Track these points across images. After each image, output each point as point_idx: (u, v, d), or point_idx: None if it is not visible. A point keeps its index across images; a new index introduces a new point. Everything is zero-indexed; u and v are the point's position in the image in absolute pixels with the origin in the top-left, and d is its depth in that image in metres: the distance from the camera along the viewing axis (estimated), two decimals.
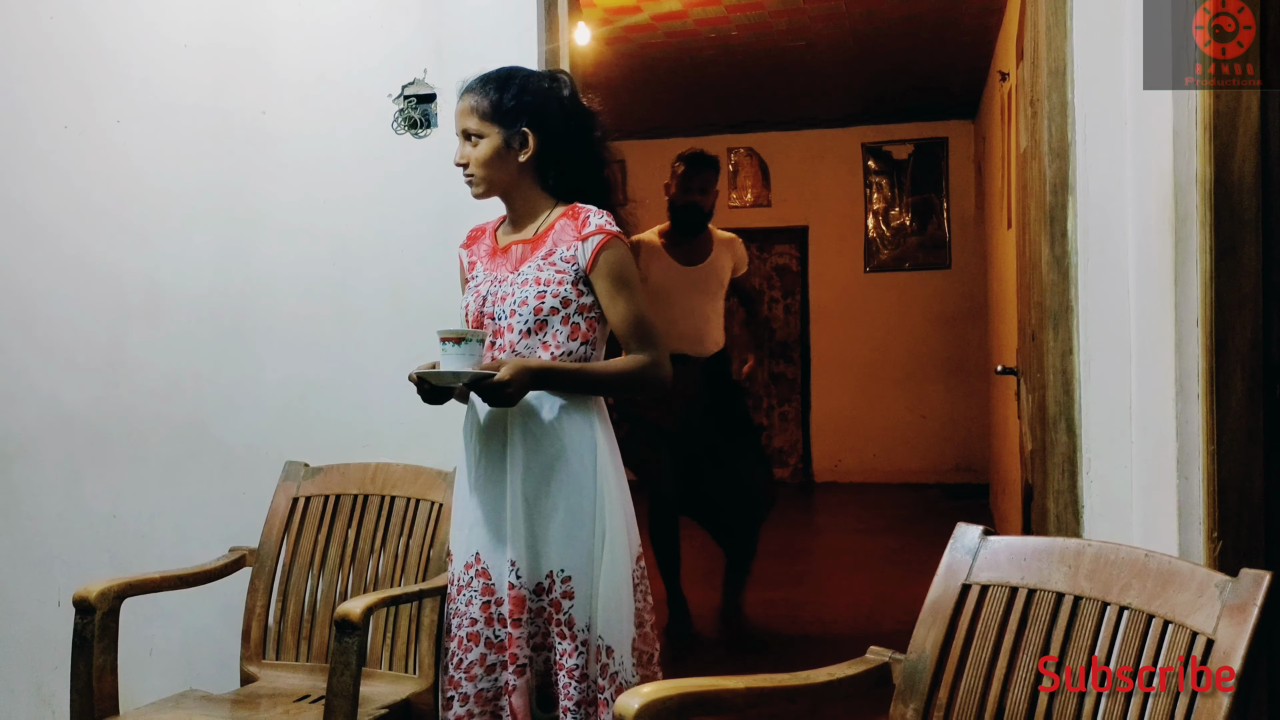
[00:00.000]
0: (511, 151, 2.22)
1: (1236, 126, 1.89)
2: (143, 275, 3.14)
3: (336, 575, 2.67)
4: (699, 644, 4.48)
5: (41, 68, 3.19)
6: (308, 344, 3.05)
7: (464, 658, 2.17)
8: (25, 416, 3.22)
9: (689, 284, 4.37)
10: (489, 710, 2.16)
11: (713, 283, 4.48)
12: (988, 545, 1.78)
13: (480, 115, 2.21)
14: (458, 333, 2.07)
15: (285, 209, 3.06)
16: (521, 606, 2.13)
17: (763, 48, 6.51)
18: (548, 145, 2.23)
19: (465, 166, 2.24)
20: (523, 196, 2.27)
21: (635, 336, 2.20)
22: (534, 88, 2.24)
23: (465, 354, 2.05)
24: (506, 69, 2.29)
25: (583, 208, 2.21)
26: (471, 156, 2.23)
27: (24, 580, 3.20)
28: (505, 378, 2.03)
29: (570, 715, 2.11)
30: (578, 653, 2.12)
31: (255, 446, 3.04)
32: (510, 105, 2.20)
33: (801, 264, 9.10)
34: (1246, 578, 1.44)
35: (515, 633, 2.12)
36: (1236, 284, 1.90)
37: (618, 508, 2.17)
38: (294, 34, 3.05)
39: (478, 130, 2.21)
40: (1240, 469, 1.93)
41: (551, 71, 2.38)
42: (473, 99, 2.22)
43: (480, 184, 2.24)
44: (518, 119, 2.20)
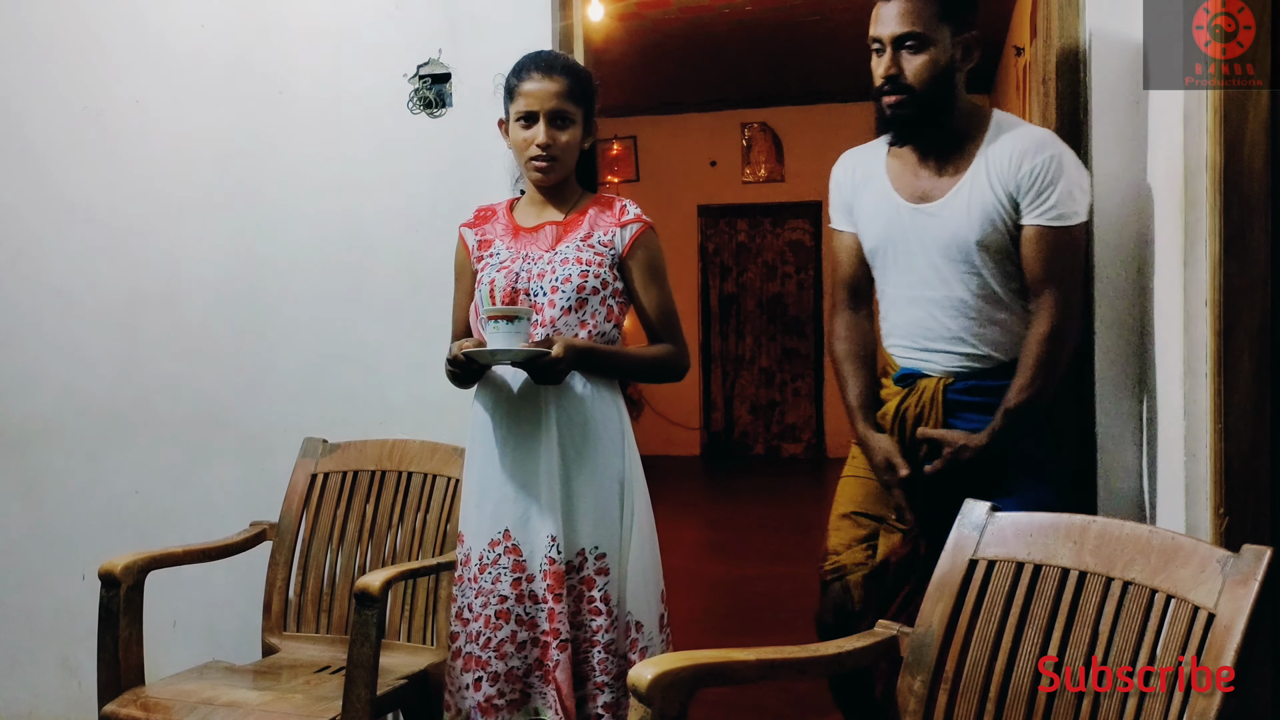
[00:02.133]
0: (587, 138, 2.27)
1: (1247, 112, 1.90)
2: (161, 256, 3.18)
3: (355, 549, 2.72)
4: (709, 616, 4.53)
5: (59, 50, 3.22)
6: (325, 323, 3.08)
7: (493, 636, 2.16)
8: (45, 399, 3.26)
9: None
10: (519, 688, 2.16)
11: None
12: (994, 521, 1.81)
13: (573, 99, 2.20)
14: (508, 311, 2.08)
15: (301, 189, 3.09)
16: (561, 581, 2.13)
17: (776, 22, 6.49)
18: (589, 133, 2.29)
19: (546, 149, 2.19)
20: (568, 181, 2.30)
21: (664, 325, 2.26)
22: (587, 75, 2.30)
23: (516, 331, 2.06)
24: (557, 53, 2.35)
25: (615, 197, 2.27)
26: (559, 140, 2.19)
27: (49, 556, 3.26)
28: (559, 354, 2.05)
29: (608, 690, 2.14)
30: (612, 628, 2.16)
31: (274, 424, 3.08)
32: (585, 91, 2.24)
33: (815, 239, 9.10)
34: (1248, 553, 1.46)
35: (557, 608, 2.12)
36: (1245, 268, 1.92)
37: (641, 486, 2.23)
38: (310, 14, 3.07)
39: (571, 114, 2.20)
40: (1247, 448, 1.95)
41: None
42: (560, 82, 2.19)
43: (559, 170, 2.23)
44: (592, 105, 2.25)
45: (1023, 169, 2.17)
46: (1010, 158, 2.18)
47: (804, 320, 9.20)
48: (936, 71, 2.19)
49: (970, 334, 2.26)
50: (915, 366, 2.32)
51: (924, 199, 2.27)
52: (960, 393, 2.26)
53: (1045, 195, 2.16)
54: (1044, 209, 2.17)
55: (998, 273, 2.23)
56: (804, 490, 7.92)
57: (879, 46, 2.23)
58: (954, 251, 2.23)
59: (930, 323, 2.28)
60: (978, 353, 2.26)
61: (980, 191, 2.21)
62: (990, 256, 2.22)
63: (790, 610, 4.60)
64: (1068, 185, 2.16)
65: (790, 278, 9.22)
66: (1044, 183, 2.16)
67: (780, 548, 5.55)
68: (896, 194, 2.31)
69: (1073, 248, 2.21)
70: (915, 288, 2.29)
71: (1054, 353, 2.18)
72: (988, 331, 2.25)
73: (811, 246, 9.14)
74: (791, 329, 9.23)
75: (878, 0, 2.23)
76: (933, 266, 2.26)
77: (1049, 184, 2.16)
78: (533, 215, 2.31)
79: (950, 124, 2.25)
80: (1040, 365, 2.17)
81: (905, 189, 2.31)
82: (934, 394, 2.26)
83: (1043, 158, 2.16)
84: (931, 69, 2.19)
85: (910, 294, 2.31)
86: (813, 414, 9.16)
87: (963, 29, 2.22)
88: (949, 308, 2.25)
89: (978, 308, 2.24)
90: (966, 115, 2.27)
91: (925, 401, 2.27)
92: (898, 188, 2.32)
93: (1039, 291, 2.19)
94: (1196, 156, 1.98)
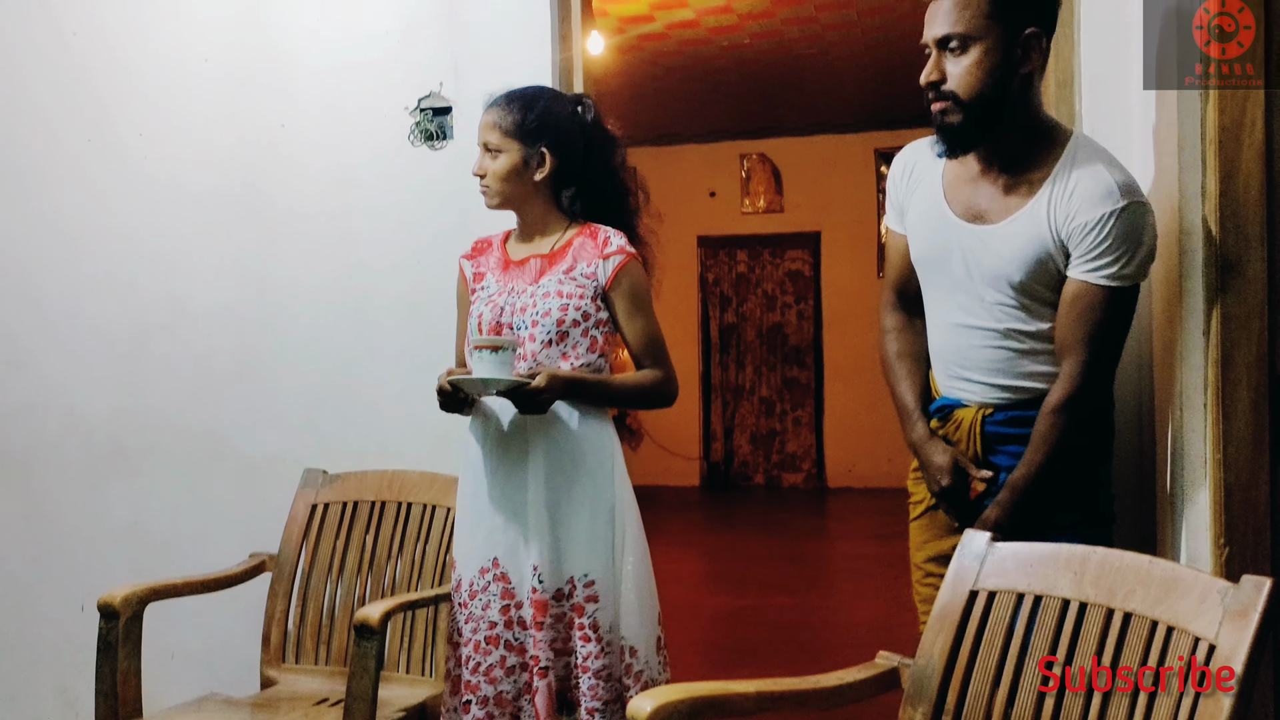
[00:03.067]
0: (529, 169, 2.28)
1: (1241, 141, 1.91)
2: (163, 286, 3.19)
3: (354, 580, 2.72)
4: (709, 647, 4.51)
5: (64, 82, 3.25)
6: (326, 353, 3.09)
7: (482, 661, 2.21)
8: (47, 426, 3.27)
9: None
10: (509, 712, 2.21)
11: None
12: (995, 552, 1.81)
13: (502, 131, 2.27)
14: (494, 341, 2.13)
15: (303, 220, 3.11)
16: (544, 611, 2.17)
17: (775, 55, 6.54)
18: (565, 167, 2.30)
19: (483, 177, 2.30)
20: (535, 213, 2.33)
21: (649, 354, 2.29)
22: (557, 110, 2.31)
23: (501, 361, 2.11)
24: (534, 89, 2.36)
25: (600, 227, 2.29)
26: (489, 169, 2.29)
27: (48, 586, 3.25)
28: (541, 385, 2.10)
29: (599, 716, 2.16)
30: (604, 654, 2.17)
31: (274, 454, 3.08)
32: (532, 125, 2.26)
33: (814, 269, 9.13)
34: (1248, 584, 1.46)
35: (538, 635, 2.17)
36: (1242, 298, 1.93)
37: (634, 513, 2.26)
38: (313, 47, 3.10)
39: (498, 145, 2.27)
40: (1246, 478, 1.96)
41: (577, 95, 2.45)
42: (497, 114, 2.29)
43: (495, 196, 2.31)
44: (538, 139, 2.27)
45: (1077, 219, 1.94)
46: (1071, 199, 1.95)
47: (804, 350, 9.21)
48: (985, 75, 1.95)
49: (1012, 367, 2.07)
50: (954, 397, 2.16)
51: (978, 218, 2.05)
52: (1000, 424, 2.10)
53: (1096, 252, 1.94)
54: (1093, 266, 1.95)
55: (1045, 312, 2.03)
56: (804, 521, 7.90)
57: (928, 51, 2.01)
58: (1001, 283, 2.03)
59: (970, 352, 2.10)
60: (1019, 385, 2.08)
61: (1037, 228, 1.98)
62: (1034, 299, 2.02)
63: (791, 641, 4.59)
64: (1128, 245, 1.93)
65: (790, 307, 9.25)
66: (1097, 238, 1.93)
67: (780, 579, 5.53)
68: (948, 206, 2.09)
69: (1114, 312, 1.97)
70: (955, 313, 2.11)
71: (1063, 427, 1.99)
72: (1029, 365, 2.07)
73: (811, 276, 9.17)
74: (791, 359, 9.24)
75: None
76: (976, 294, 2.07)
77: (1102, 241, 1.92)
78: (522, 248, 2.36)
79: (1015, 138, 2.01)
80: (1044, 442, 2.01)
81: (959, 202, 2.08)
82: (972, 425, 2.11)
83: (1102, 212, 1.92)
84: (978, 73, 1.95)
85: (951, 319, 2.13)
86: (813, 444, 9.16)
87: (1022, 25, 1.95)
88: (991, 338, 2.07)
89: (1020, 343, 2.05)
90: (1039, 132, 2.03)
91: (963, 435, 2.13)
92: (951, 198, 2.10)
93: (1065, 353, 2.00)
94: (1192, 186, 1.99)
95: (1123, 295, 1.97)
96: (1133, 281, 1.97)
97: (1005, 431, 2.10)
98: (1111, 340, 2.01)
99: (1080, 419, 2.01)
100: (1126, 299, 1.98)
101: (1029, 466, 2.02)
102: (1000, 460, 2.10)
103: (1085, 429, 2.04)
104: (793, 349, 9.25)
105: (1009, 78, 1.96)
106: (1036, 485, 2.02)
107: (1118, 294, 1.96)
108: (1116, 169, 1.98)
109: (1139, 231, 1.94)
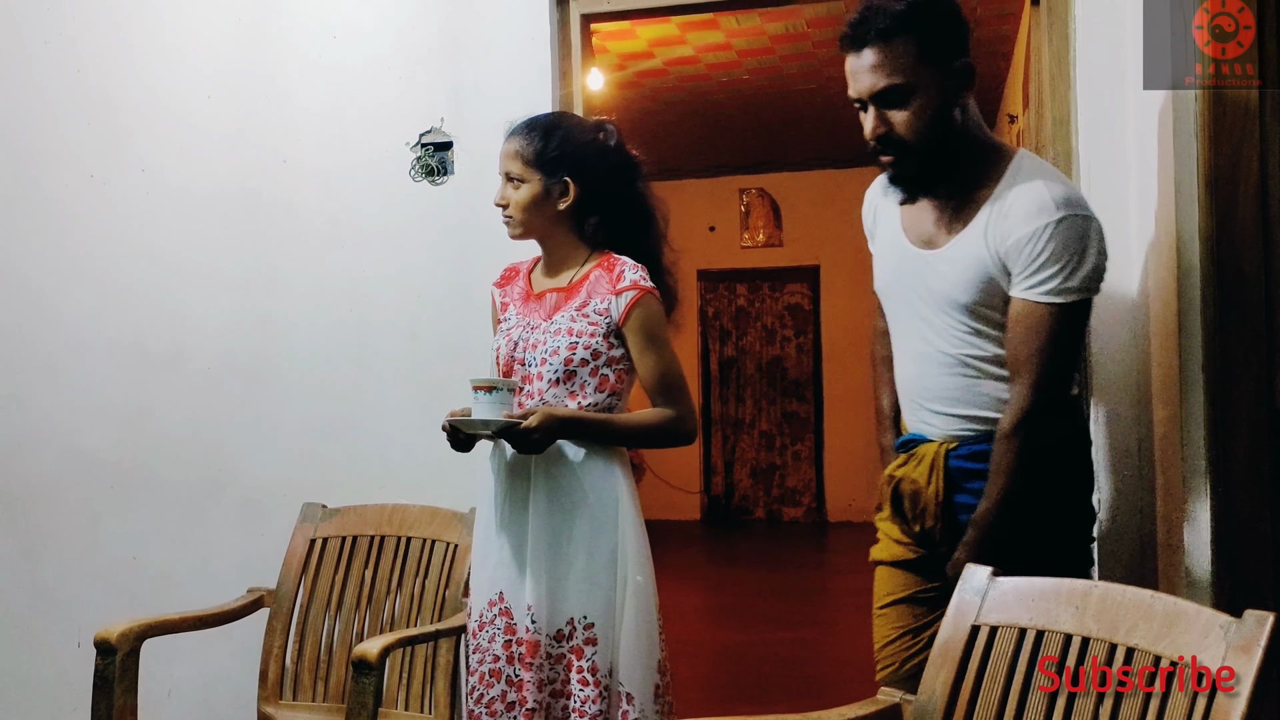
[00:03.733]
0: (551, 199, 2.25)
1: (1238, 182, 1.92)
2: (164, 320, 3.20)
3: (353, 615, 2.70)
4: (711, 683, 4.48)
5: (69, 118, 3.27)
6: (326, 387, 3.09)
7: (485, 693, 2.19)
8: (47, 461, 3.26)
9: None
10: None
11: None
12: (996, 586, 1.80)
13: (524, 160, 2.24)
14: (489, 381, 2.13)
15: (304, 254, 3.12)
16: (535, 651, 2.14)
17: (774, 91, 6.59)
18: (588, 195, 2.26)
19: (505, 207, 2.28)
20: (558, 242, 2.30)
21: (663, 391, 2.22)
22: (579, 138, 2.28)
23: (496, 402, 2.11)
24: (554, 115, 2.36)
25: (618, 259, 2.23)
26: (511, 199, 2.26)
27: (45, 621, 3.23)
28: (533, 425, 2.08)
29: None
30: (601, 699, 2.12)
31: (273, 488, 3.08)
32: (554, 154, 2.24)
33: (814, 303, 9.15)
34: (1250, 619, 1.45)
35: (527, 676, 2.13)
36: (1240, 335, 1.93)
37: (639, 555, 2.19)
38: (314, 84, 3.12)
39: (520, 175, 2.25)
40: (1246, 512, 1.96)
41: (598, 121, 2.37)
42: (518, 143, 2.26)
43: (517, 226, 2.28)
44: (559, 168, 2.23)
45: (1012, 236, 1.89)
46: (1007, 217, 1.90)
47: (804, 383, 9.21)
48: (930, 118, 1.92)
49: (971, 395, 2.00)
50: (918, 431, 2.11)
51: (928, 243, 2.02)
52: (964, 458, 2.02)
53: (1034, 267, 1.87)
54: (1033, 283, 1.88)
55: (999, 336, 1.97)
56: (805, 555, 7.87)
57: (860, 104, 1.98)
58: (950, 307, 1.98)
59: (928, 381, 2.05)
60: (980, 415, 2.00)
61: (976, 249, 1.94)
62: (986, 322, 1.97)
63: (793, 677, 4.56)
64: (1067, 259, 1.85)
65: (789, 341, 9.25)
66: (1034, 254, 1.87)
67: (782, 613, 5.50)
68: (904, 235, 2.07)
69: (1061, 329, 1.89)
70: (915, 341, 2.08)
71: (1018, 450, 1.91)
72: (988, 392, 1.99)
73: (810, 310, 9.18)
74: (791, 392, 9.24)
75: (846, 53, 1.97)
76: (928, 321, 2.04)
77: (1038, 255, 1.86)
78: (543, 279, 2.33)
79: (960, 166, 1.98)
80: (1000, 470, 1.93)
81: (914, 230, 2.06)
82: (934, 460, 2.03)
83: (1036, 226, 1.86)
84: (925, 117, 1.92)
85: (909, 347, 2.09)
86: (813, 478, 9.13)
87: (950, 60, 1.93)
88: (947, 365, 2.01)
89: (978, 368, 1.99)
90: (982, 152, 2.00)
91: (925, 471, 2.04)
92: (907, 227, 2.07)
93: (1014, 375, 1.93)
94: (1188, 225, 2.00)
95: (1069, 311, 1.88)
96: (1079, 296, 1.89)
97: (968, 466, 2.01)
98: (1060, 358, 1.92)
99: (1035, 440, 1.92)
100: (1074, 315, 1.90)
101: (990, 500, 1.95)
102: (963, 499, 2.02)
103: (1044, 450, 1.94)
104: (792, 382, 9.25)
105: (950, 113, 1.94)
106: (1001, 517, 1.94)
107: (1064, 310, 1.88)
108: (1057, 184, 1.92)
109: (1079, 244, 1.87)
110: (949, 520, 2.03)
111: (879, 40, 1.91)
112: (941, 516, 2.04)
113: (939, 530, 2.04)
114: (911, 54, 1.90)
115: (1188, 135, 2.01)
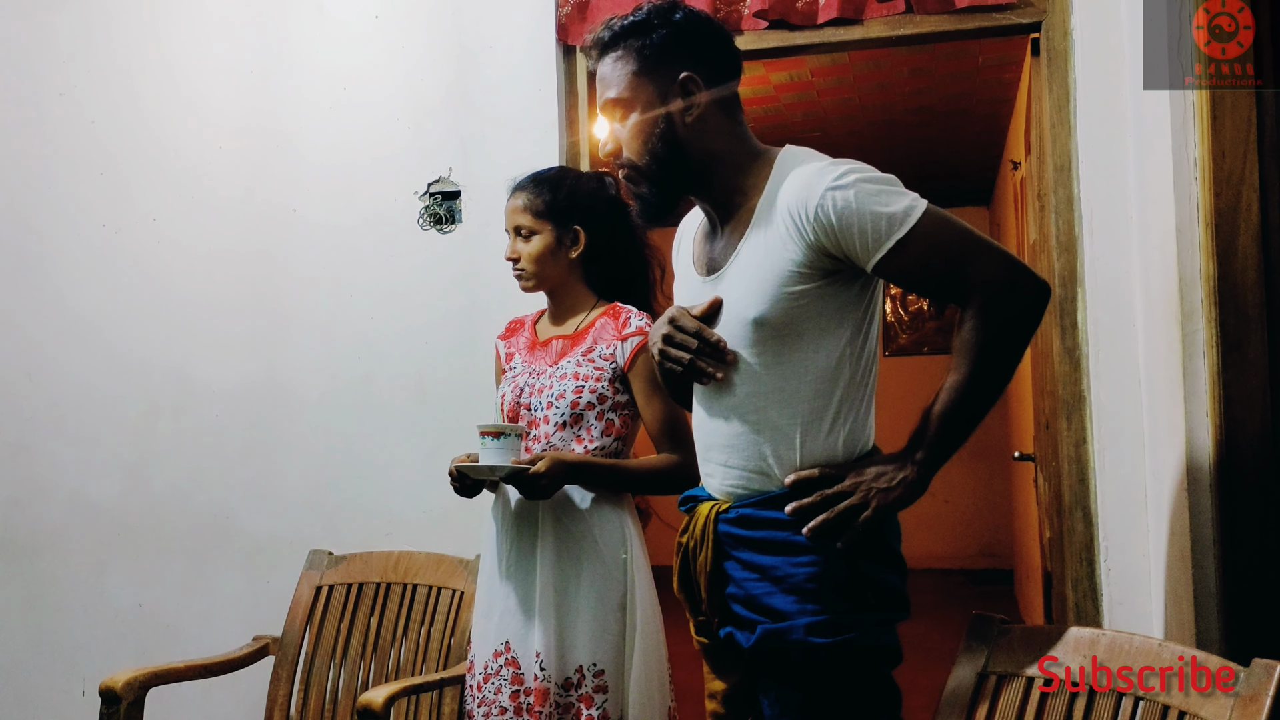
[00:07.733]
0: (563, 249, 2.29)
1: (1238, 225, 1.93)
2: (172, 369, 3.22)
3: (359, 664, 2.69)
4: None
5: (82, 169, 3.31)
6: (333, 435, 3.10)
7: None
8: (54, 508, 3.27)
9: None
10: None
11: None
12: (1004, 635, 1.79)
13: (534, 213, 2.29)
14: (496, 427, 2.13)
15: (313, 303, 3.14)
16: (544, 700, 2.12)
17: (778, 136, 6.64)
18: (595, 243, 2.31)
19: (516, 261, 2.31)
20: (569, 291, 2.33)
21: (668, 436, 2.23)
22: (584, 188, 2.34)
23: (503, 447, 2.11)
24: (557, 169, 2.40)
25: (623, 308, 2.28)
26: (523, 252, 2.29)
27: (50, 670, 3.22)
28: (541, 470, 2.08)
29: None
30: None
31: (280, 536, 3.08)
32: (564, 204, 2.29)
33: None
34: (1258, 668, 1.45)
35: None
36: (1244, 378, 1.94)
37: (647, 601, 2.19)
38: (324, 134, 3.16)
39: (531, 227, 2.28)
40: (1254, 558, 1.95)
41: (598, 173, 2.46)
42: (525, 198, 2.30)
43: (531, 279, 2.31)
44: (570, 217, 2.29)
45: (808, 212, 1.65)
46: (790, 211, 1.68)
47: None
48: (646, 135, 1.76)
49: (744, 441, 1.73)
50: (700, 488, 1.84)
51: (714, 269, 1.79)
52: (733, 523, 1.74)
53: (857, 227, 1.63)
54: (875, 237, 1.63)
55: (783, 357, 1.70)
56: None
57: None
58: (740, 328, 1.72)
59: (708, 425, 1.79)
60: (755, 467, 1.73)
61: (756, 255, 1.71)
62: (776, 336, 1.69)
63: None
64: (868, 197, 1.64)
65: None
66: (845, 220, 1.63)
67: None
68: (693, 264, 1.86)
69: (942, 236, 1.63)
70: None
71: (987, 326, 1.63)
72: (767, 439, 1.71)
73: None
74: None
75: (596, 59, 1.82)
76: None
77: (849, 215, 1.62)
78: (549, 328, 2.36)
79: (721, 176, 1.79)
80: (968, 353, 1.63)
81: (701, 260, 1.85)
82: (706, 524, 1.76)
83: (815, 203, 1.64)
84: (641, 134, 1.76)
85: (701, 389, 1.82)
86: None
87: (673, 74, 1.75)
88: (729, 401, 1.75)
89: (755, 406, 1.72)
90: (743, 162, 1.80)
91: (697, 536, 1.77)
92: (696, 255, 1.87)
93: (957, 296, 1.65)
94: (1190, 268, 2.01)
95: (929, 220, 1.63)
96: (919, 210, 1.63)
97: (736, 532, 1.73)
98: (978, 250, 1.65)
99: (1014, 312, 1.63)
100: (935, 218, 1.64)
101: (952, 391, 1.65)
102: (732, 568, 1.74)
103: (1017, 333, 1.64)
104: None
105: (673, 129, 1.76)
106: (962, 411, 1.65)
107: (924, 225, 1.63)
108: (823, 159, 1.74)
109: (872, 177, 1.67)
110: (715, 595, 1.76)
111: (601, 53, 1.81)
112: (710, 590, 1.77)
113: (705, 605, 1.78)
114: (631, 67, 1.77)
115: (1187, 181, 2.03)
